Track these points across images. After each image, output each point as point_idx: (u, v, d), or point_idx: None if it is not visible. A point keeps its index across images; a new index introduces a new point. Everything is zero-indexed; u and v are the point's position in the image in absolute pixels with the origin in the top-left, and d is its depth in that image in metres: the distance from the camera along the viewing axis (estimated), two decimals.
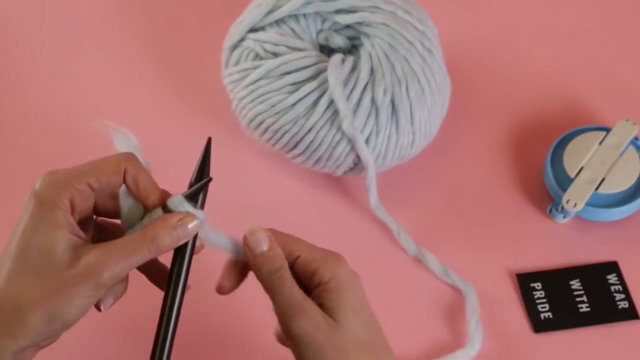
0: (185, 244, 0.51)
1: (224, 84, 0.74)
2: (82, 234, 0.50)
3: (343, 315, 0.50)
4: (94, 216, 0.53)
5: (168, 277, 0.52)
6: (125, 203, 0.51)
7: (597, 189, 0.70)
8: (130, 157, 0.51)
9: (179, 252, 0.51)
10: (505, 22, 0.86)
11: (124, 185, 0.51)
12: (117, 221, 0.53)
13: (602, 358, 0.66)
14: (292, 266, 0.51)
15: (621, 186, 0.70)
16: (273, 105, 0.69)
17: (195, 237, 0.52)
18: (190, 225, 0.50)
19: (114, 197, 0.52)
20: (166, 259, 0.53)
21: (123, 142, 0.54)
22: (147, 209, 0.52)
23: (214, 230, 0.52)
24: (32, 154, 0.77)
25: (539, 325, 0.67)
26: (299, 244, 0.52)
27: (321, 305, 0.50)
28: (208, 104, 0.79)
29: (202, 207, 0.52)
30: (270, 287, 0.51)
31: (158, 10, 0.87)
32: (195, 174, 0.53)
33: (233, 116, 0.73)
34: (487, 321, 0.67)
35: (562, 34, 0.85)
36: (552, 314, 0.67)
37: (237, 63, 0.72)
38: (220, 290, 0.53)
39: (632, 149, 0.72)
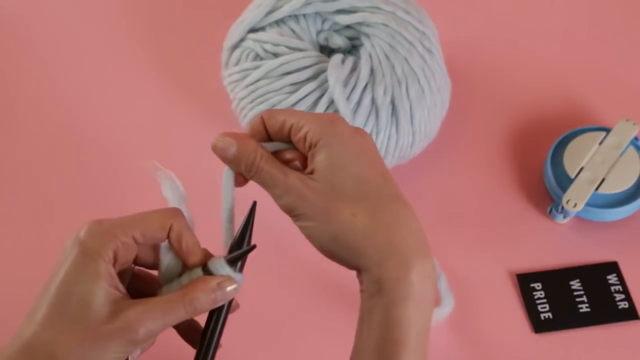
0: (222, 305, 0.51)
1: (224, 84, 0.74)
2: (121, 287, 0.49)
3: (331, 176, 0.49)
4: (133, 266, 0.53)
5: (201, 335, 0.52)
6: (165, 258, 0.52)
7: (597, 189, 0.70)
8: (177, 213, 0.51)
9: (215, 312, 0.52)
10: (505, 22, 0.86)
11: (166, 240, 0.51)
12: (154, 272, 0.53)
13: (602, 358, 0.66)
14: (290, 137, 0.51)
15: (621, 186, 0.70)
16: (273, 106, 0.69)
17: (231, 300, 0.52)
18: (228, 289, 0.50)
19: (155, 249, 0.52)
20: (200, 317, 0.53)
21: (170, 188, 0.54)
22: (186, 267, 0.52)
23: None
24: (31, 154, 0.77)
25: (539, 325, 0.67)
26: (294, 115, 0.51)
27: (313, 171, 0.50)
28: (208, 104, 0.79)
29: (241, 270, 0.52)
30: (255, 180, 0.51)
31: (158, 11, 0.87)
32: (237, 236, 0.52)
33: (233, 116, 0.73)
34: (487, 321, 0.67)
35: (562, 34, 0.85)
36: (552, 314, 0.67)
37: (237, 63, 0.72)
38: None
39: (632, 149, 0.72)
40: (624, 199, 0.70)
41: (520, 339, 0.67)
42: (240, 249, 0.51)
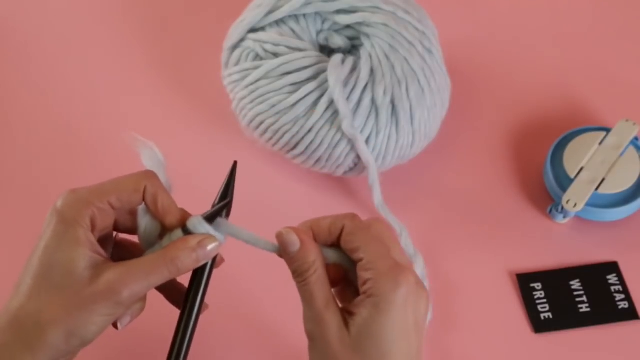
0: (205, 264, 0.51)
1: (224, 84, 0.74)
2: (102, 251, 0.50)
3: (365, 338, 0.48)
4: (114, 233, 0.54)
5: (185, 295, 0.52)
6: (143, 221, 0.52)
7: (597, 189, 0.70)
8: (150, 175, 0.52)
9: (198, 272, 0.52)
10: (505, 22, 0.86)
11: (143, 204, 0.52)
12: (137, 239, 0.53)
13: (602, 358, 0.66)
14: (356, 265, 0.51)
15: (621, 186, 0.70)
16: (273, 106, 0.69)
17: (215, 257, 0.52)
18: (210, 247, 0.51)
19: (134, 214, 0.52)
20: (184, 278, 0.53)
21: (149, 156, 0.54)
22: (165, 229, 0.52)
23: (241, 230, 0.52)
24: (31, 153, 0.77)
25: (539, 325, 0.67)
26: (370, 245, 0.50)
27: (354, 319, 0.49)
28: (208, 104, 0.79)
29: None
30: (297, 286, 0.51)
31: (158, 11, 0.87)
32: (219, 195, 0.53)
33: (233, 116, 0.73)
34: (487, 321, 0.67)
35: (562, 34, 0.85)
36: (552, 314, 0.67)
37: (237, 63, 0.72)
38: None
39: (632, 149, 0.72)
40: (624, 199, 0.70)
41: (520, 339, 0.67)
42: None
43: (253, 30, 0.72)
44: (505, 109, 0.79)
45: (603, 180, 0.70)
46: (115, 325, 0.52)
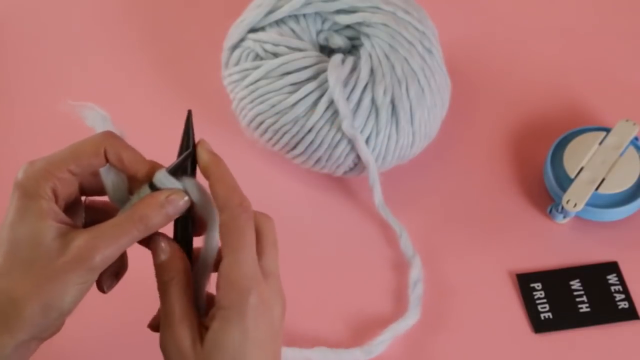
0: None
1: (224, 84, 0.74)
2: (68, 220, 0.49)
3: (217, 352, 0.47)
4: (83, 198, 0.53)
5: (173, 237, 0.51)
6: (108, 180, 0.51)
7: (597, 189, 0.70)
8: (108, 135, 0.51)
9: (179, 220, 0.51)
10: (505, 22, 0.86)
11: (107, 165, 0.50)
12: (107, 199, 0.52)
13: (602, 358, 0.66)
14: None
15: (621, 186, 0.70)
16: (273, 106, 0.69)
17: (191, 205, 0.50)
18: (181, 202, 0.50)
19: (97, 175, 0.51)
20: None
21: (92, 116, 0.53)
22: (137, 181, 0.51)
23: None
24: (32, 153, 0.77)
25: (539, 325, 0.67)
26: (237, 253, 0.48)
27: (204, 339, 0.48)
28: (208, 104, 0.79)
29: (194, 176, 0.51)
30: (159, 291, 0.50)
31: (158, 10, 0.87)
32: (180, 148, 0.52)
33: (233, 116, 0.73)
34: (487, 321, 0.67)
35: (562, 34, 0.85)
36: (552, 314, 0.67)
37: (237, 63, 0.72)
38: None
39: (632, 149, 0.72)
40: (624, 199, 0.70)
41: (520, 339, 0.67)
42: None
43: (253, 30, 0.72)
44: (505, 109, 0.79)
45: (603, 180, 0.70)
46: (102, 290, 0.51)
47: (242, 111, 0.71)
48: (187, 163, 0.51)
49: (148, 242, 0.52)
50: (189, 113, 0.52)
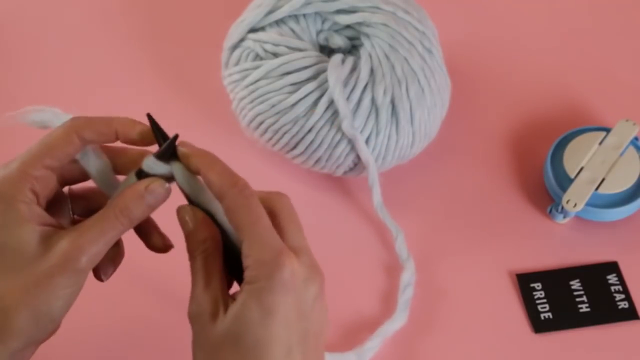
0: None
1: (224, 84, 0.74)
2: (52, 220, 0.48)
3: (237, 325, 0.46)
4: (66, 188, 0.52)
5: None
6: (90, 166, 0.50)
7: (597, 189, 0.70)
8: (75, 119, 0.49)
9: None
10: (505, 22, 0.86)
11: (85, 149, 0.50)
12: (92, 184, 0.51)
13: (602, 358, 0.66)
14: None
15: (621, 186, 0.70)
16: (273, 106, 0.69)
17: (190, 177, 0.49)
18: (160, 190, 0.49)
19: (76, 162, 0.50)
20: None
21: (39, 117, 0.52)
22: (124, 157, 0.50)
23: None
24: None
25: (539, 325, 0.67)
26: (249, 233, 0.47)
27: (230, 309, 0.47)
28: (208, 104, 0.79)
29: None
30: (189, 261, 0.49)
31: (158, 10, 0.87)
32: (159, 142, 0.50)
33: (233, 116, 0.73)
34: (487, 321, 0.67)
35: (562, 34, 0.85)
36: (552, 314, 0.67)
37: (237, 63, 0.72)
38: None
39: (632, 149, 0.72)
40: (624, 199, 0.70)
41: (520, 339, 0.67)
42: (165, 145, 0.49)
43: (253, 30, 0.72)
44: (505, 109, 0.79)
45: (603, 180, 0.70)
46: (99, 278, 0.50)
47: (242, 111, 0.71)
48: (173, 147, 0.49)
49: (145, 234, 0.52)
50: (149, 116, 0.51)
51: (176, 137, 0.49)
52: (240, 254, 0.47)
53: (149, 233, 0.53)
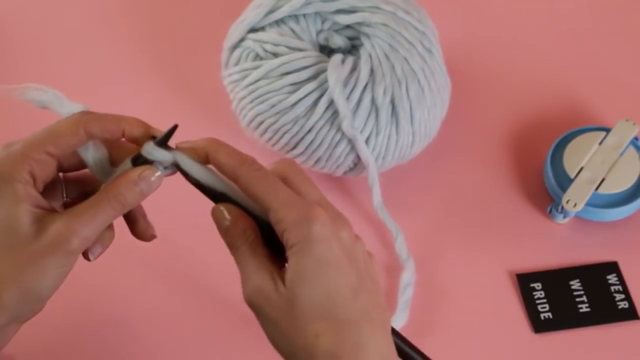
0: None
1: (224, 84, 0.74)
2: (46, 204, 0.49)
3: (299, 287, 0.47)
4: (60, 174, 0.53)
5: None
6: (88, 156, 0.51)
7: (597, 189, 0.70)
8: (85, 113, 0.51)
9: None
10: (505, 22, 0.86)
11: (87, 143, 0.51)
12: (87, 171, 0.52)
13: (602, 358, 0.66)
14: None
15: (621, 186, 0.70)
16: (273, 106, 0.69)
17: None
18: (153, 178, 0.50)
19: (76, 153, 0.51)
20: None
21: (40, 96, 0.52)
22: (122, 150, 0.51)
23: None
24: None
25: (539, 325, 0.67)
26: (272, 199, 0.48)
27: (285, 276, 0.48)
28: (208, 104, 0.79)
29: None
30: (232, 255, 0.50)
31: (158, 10, 0.87)
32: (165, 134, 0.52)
33: (233, 116, 0.73)
34: (487, 321, 0.67)
35: (562, 34, 0.85)
36: (552, 314, 0.67)
37: (237, 63, 0.72)
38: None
39: (632, 149, 0.72)
40: (624, 199, 0.70)
41: (520, 339, 0.67)
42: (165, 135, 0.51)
43: (253, 30, 0.72)
44: (505, 109, 0.79)
45: (603, 180, 0.70)
46: (87, 257, 0.51)
47: (242, 111, 0.71)
48: (170, 136, 0.51)
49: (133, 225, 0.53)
50: (175, 127, 0.52)
51: (176, 126, 0.51)
52: (266, 223, 0.49)
53: (136, 220, 0.54)
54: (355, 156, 0.69)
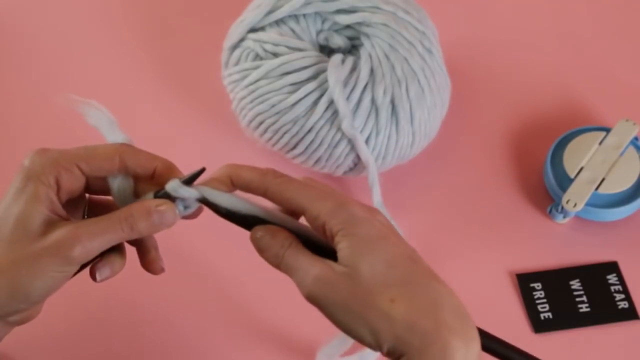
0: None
1: (224, 84, 0.74)
2: (63, 212, 0.50)
3: (358, 262, 0.47)
4: (86, 195, 0.54)
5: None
6: (114, 183, 0.52)
7: (597, 189, 0.70)
8: (125, 146, 0.52)
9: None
10: (505, 22, 0.86)
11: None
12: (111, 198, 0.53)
13: (602, 358, 0.66)
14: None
15: (621, 186, 0.70)
16: (273, 106, 0.69)
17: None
18: (168, 214, 0.50)
19: (105, 178, 0.52)
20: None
21: (96, 116, 0.54)
22: (148, 185, 0.52)
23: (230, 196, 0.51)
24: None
25: (539, 325, 0.67)
26: (303, 198, 0.50)
27: (339, 259, 0.48)
28: (208, 104, 0.79)
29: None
30: (282, 269, 0.50)
31: (158, 11, 0.87)
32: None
33: (233, 116, 0.73)
34: (487, 321, 0.67)
35: (562, 34, 0.85)
36: (552, 314, 0.67)
37: (237, 63, 0.72)
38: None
39: (632, 149, 0.72)
40: (624, 199, 0.70)
41: (520, 339, 0.66)
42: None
43: (253, 30, 0.72)
44: (505, 109, 0.79)
45: (603, 180, 0.70)
46: (94, 277, 0.51)
47: (242, 111, 0.71)
48: (196, 178, 0.52)
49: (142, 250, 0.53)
50: (203, 170, 0.52)
51: (203, 169, 0.52)
52: (303, 237, 0.50)
53: (147, 251, 0.54)
54: (355, 156, 0.69)
